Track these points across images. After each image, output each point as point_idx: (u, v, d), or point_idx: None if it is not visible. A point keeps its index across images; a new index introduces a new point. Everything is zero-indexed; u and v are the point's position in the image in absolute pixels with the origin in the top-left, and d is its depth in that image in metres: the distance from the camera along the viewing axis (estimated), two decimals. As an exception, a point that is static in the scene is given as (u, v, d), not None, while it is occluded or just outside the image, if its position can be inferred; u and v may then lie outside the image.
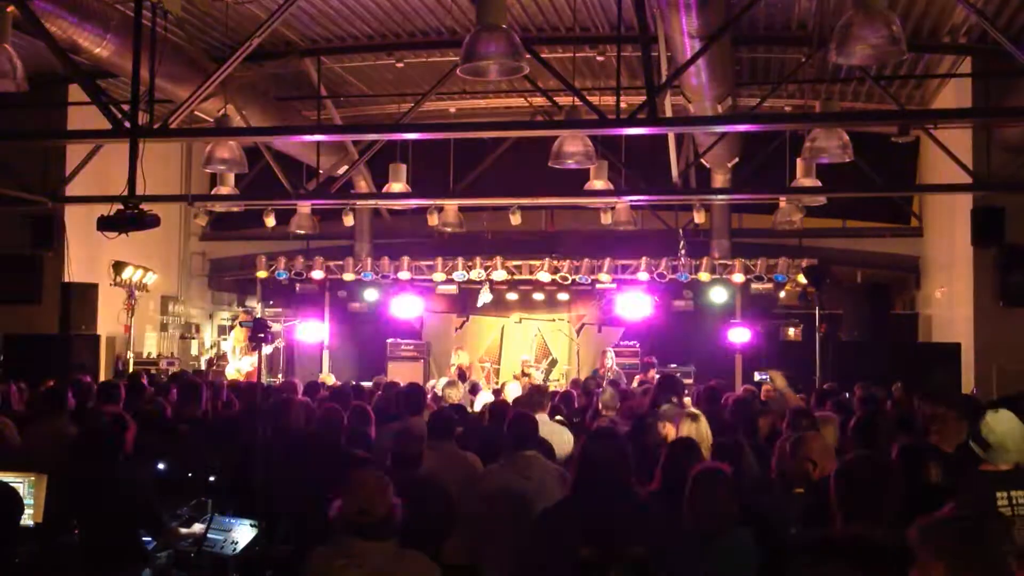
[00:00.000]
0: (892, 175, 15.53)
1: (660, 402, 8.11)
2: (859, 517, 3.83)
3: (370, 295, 18.39)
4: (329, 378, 15.26)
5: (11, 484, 5.42)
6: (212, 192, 14.48)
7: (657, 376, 14.96)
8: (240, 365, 16.66)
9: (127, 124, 8.78)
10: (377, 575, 3.83)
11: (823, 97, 12.64)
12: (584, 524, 4.43)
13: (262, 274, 17.88)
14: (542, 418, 7.61)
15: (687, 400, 9.53)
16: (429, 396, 10.25)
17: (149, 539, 6.04)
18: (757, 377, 14.90)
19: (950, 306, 14.90)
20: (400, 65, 13.95)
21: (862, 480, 3.91)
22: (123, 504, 5.57)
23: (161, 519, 5.92)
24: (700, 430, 6.56)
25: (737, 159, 14.97)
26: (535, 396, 7.99)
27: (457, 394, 9.84)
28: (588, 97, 9.26)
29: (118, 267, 15.42)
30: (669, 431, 7.02)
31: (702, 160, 14.39)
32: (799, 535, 4.19)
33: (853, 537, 3.78)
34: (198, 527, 6.03)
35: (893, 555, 3.60)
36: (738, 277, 16.60)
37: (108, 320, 15.43)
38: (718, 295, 17.21)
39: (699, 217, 15.55)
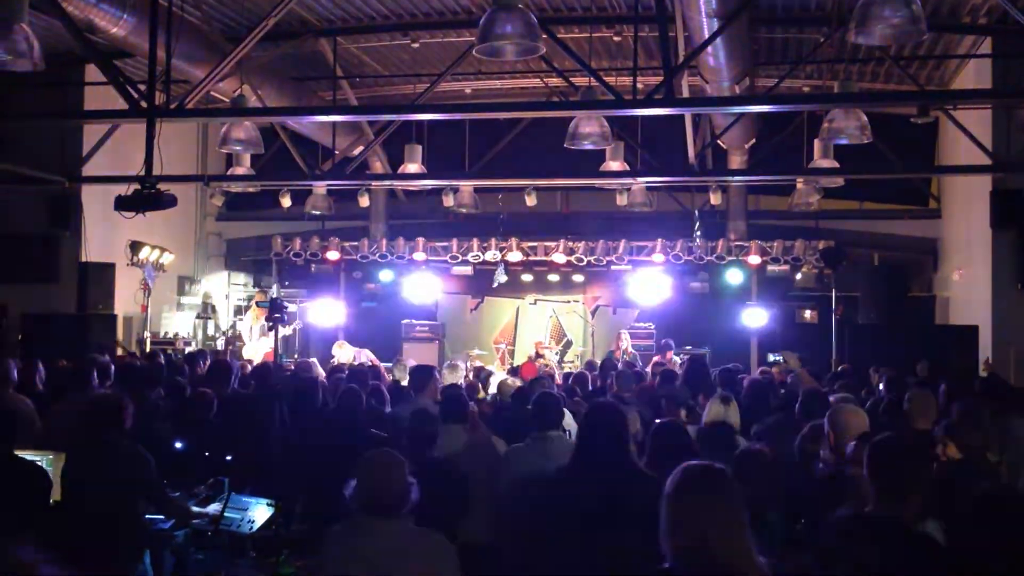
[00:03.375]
0: (910, 156, 15.43)
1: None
2: (889, 497, 3.82)
3: (385, 276, 18.41)
4: (341, 348, 15.23)
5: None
6: (228, 172, 14.53)
7: (675, 357, 15.02)
8: (258, 346, 16.72)
9: (144, 104, 8.81)
10: (393, 553, 3.85)
11: (842, 77, 12.59)
12: (581, 492, 4.48)
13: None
14: None
15: None
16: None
17: (165, 520, 6.09)
18: (771, 359, 14.88)
19: (968, 288, 14.81)
20: (416, 45, 13.92)
21: (895, 460, 3.90)
22: (125, 481, 5.61)
23: (165, 492, 5.95)
24: (730, 413, 6.55)
25: (754, 140, 14.90)
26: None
27: (454, 377, 9.83)
28: (604, 77, 9.23)
29: (135, 247, 15.48)
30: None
31: (719, 141, 14.34)
32: (827, 515, 4.17)
33: (881, 518, 3.78)
34: (215, 506, 6.07)
35: (920, 536, 3.60)
36: (754, 259, 16.55)
37: (125, 300, 15.50)
38: (734, 277, 17.16)
39: (715, 198, 15.48)
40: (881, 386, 8.88)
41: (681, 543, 3.13)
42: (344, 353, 15.12)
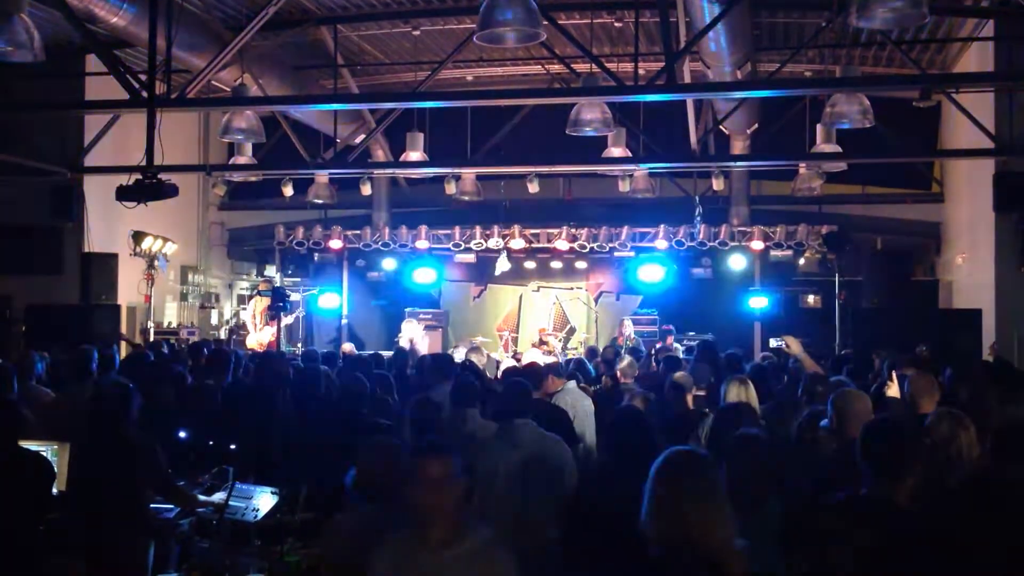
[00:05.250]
0: (913, 140, 15.39)
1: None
2: (882, 479, 3.83)
3: (388, 264, 18.42)
4: (347, 346, 15.34)
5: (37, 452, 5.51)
6: (230, 162, 14.51)
7: (675, 343, 15.04)
8: (261, 336, 16.74)
9: (144, 94, 8.81)
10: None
11: (843, 62, 12.53)
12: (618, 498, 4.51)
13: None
14: (570, 385, 7.66)
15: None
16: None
17: (170, 508, 6.11)
18: (773, 343, 14.87)
19: (971, 272, 14.79)
20: (417, 33, 13.88)
21: (887, 442, 3.91)
22: (132, 471, 5.62)
23: (172, 482, 5.98)
24: (749, 395, 6.55)
25: (756, 125, 14.86)
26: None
27: (480, 360, 9.91)
28: (606, 64, 9.22)
29: (137, 237, 15.48)
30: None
31: (721, 126, 14.30)
32: (823, 497, 4.19)
33: (875, 500, 3.79)
34: (219, 495, 6.09)
35: (914, 518, 3.61)
36: (757, 244, 16.53)
37: (128, 290, 15.51)
38: (737, 263, 17.16)
39: (718, 184, 15.46)
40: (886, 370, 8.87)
41: (662, 526, 3.16)
42: (412, 330, 15.35)
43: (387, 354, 12.56)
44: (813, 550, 3.79)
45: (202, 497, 6.13)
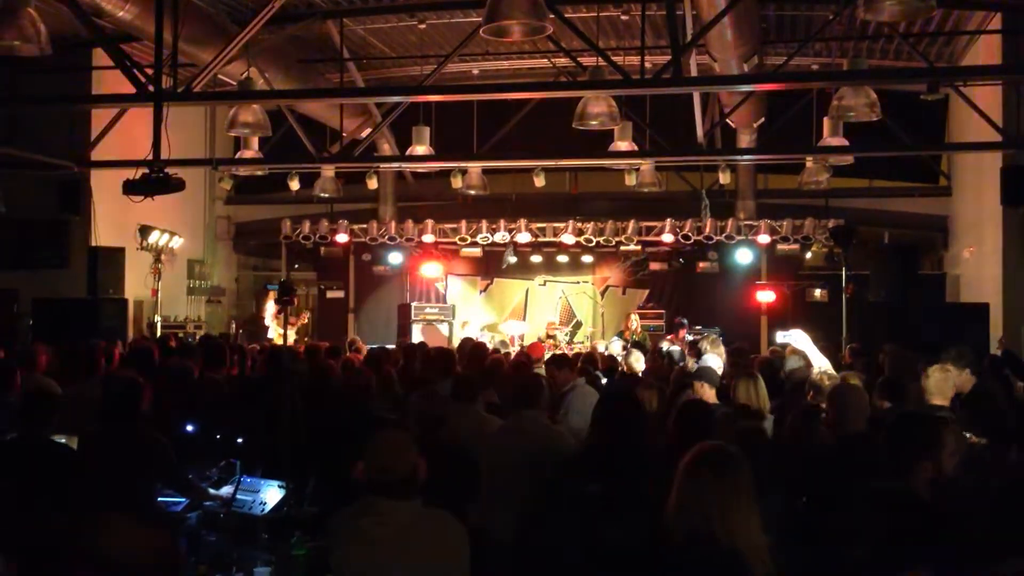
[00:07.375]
0: (920, 134, 15.34)
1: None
2: (898, 468, 3.84)
3: (394, 258, 18.42)
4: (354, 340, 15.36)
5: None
6: (236, 156, 14.51)
7: (688, 337, 15.01)
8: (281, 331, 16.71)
9: (151, 88, 8.83)
10: (402, 534, 3.85)
11: (851, 55, 12.48)
12: (595, 468, 4.53)
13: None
14: (579, 381, 7.69)
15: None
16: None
17: (178, 500, 6.12)
18: (779, 338, 14.86)
19: (979, 266, 14.76)
20: (422, 26, 13.87)
21: (899, 434, 3.93)
22: (141, 464, 5.64)
23: (187, 477, 6.00)
24: (759, 391, 6.53)
25: (763, 119, 14.82)
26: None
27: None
28: (612, 57, 9.20)
29: (144, 231, 15.51)
30: (706, 393, 7.03)
31: (727, 120, 14.27)
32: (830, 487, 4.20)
33: (891, 488, 3.80)
34: (227, 488, 6.10)
35: (918, 506, 3.62)
36: (764, 238, 16.51)
37: (135, 284, 15.53)
38: (743, 256, 17.13)
39: (724, 178, 15.43)
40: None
41: (688, 522, 3.16)
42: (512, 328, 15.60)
43: (391, 347, 12.59)
44: (828, 546, 3.80)
45: (211, 491, 6.15)
